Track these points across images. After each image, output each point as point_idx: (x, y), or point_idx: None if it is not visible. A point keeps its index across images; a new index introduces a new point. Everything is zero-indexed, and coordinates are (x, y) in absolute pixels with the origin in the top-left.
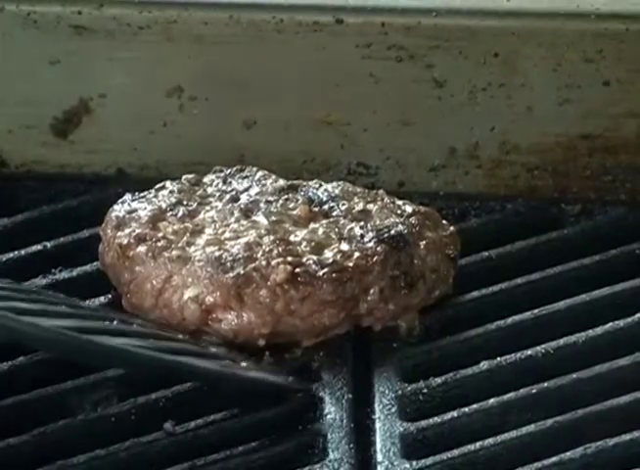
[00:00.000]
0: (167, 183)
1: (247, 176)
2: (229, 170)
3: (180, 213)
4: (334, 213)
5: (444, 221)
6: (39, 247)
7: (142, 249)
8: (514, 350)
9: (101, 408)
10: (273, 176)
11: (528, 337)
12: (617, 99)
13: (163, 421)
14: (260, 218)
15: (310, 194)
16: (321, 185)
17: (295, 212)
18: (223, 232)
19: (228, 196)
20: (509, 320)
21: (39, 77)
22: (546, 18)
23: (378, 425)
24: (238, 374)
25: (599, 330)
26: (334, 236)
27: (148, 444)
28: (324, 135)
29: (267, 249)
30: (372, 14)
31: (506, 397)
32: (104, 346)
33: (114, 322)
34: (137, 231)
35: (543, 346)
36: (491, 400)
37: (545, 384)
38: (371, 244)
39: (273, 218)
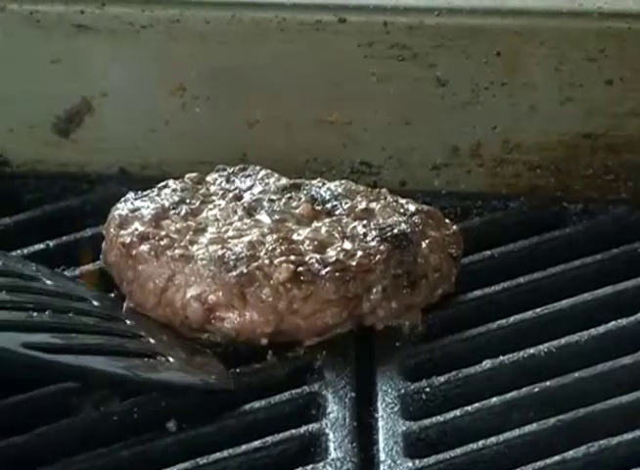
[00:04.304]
0: (170, 182)
1: (249, 175)
2: (232, 169)
3: (183, 212)
4: (337, 212)
5: (447, 220)
6: (42, 246)
7: (145, 247)
8: (516, 348)
9: (103, 407)
10: (276, 175)
11: (531, 336)
12: (620, 98)
13: (166, 420)
14: (263, 217)
15: (313, 193)
16: (324, 184)
17: (297, 211)
18: (226, 231)
19: (231, 194)
20: (511, 319)
21: (41, 76)
22: (549, 16)
23: (380, 424)
24: (143, 377)
25: (601, 329)
26: (336, 235)
27: (150, 442)
28: (326, 134)
29: (270, 247)
30: (374, 13)
31: (508, 395)
32: None
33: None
34: (140, 230)
35: (546, 345)
36: (494, 399)
37: (547, 383)
38: (374, 243)
39: (276, 217)
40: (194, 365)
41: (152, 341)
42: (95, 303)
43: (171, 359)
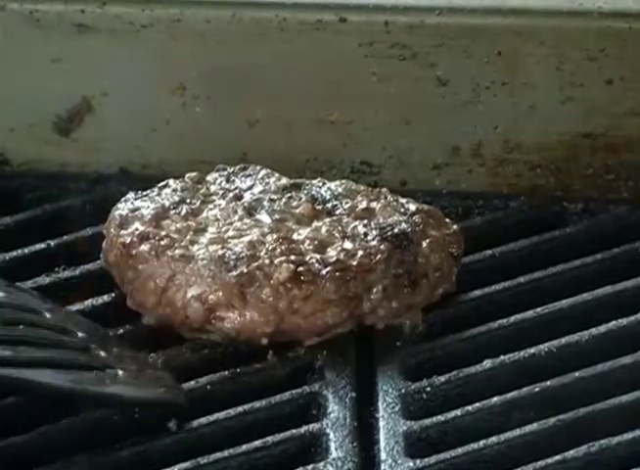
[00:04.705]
0: (170, 181)
1: (250, 175)
2: (232, 169)
3: (183, 212)
4: (337, 212)
5: (447, 220)
6: (42, 245)
7: (145, 247)
8: (517, 348)
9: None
10: (276, 175)
11: (531, 335)
12: (620, 97)
13: (166, 420)
14: (264, 217)
15: (313, 192)
16: (324, 183)
17: (298, 211)
18: (226, 230)
19: (231, 194)
20: (512, 319)
21: (42, 76)
22: (549, 16)
23: (381, 423)
24: (91, 391)
25: (602, 328)
26: (337, 234)
27: (151, 442)
28: (327, 134)
29: (270, 247)
30: (375, 12)
31: (509, 395)
32: None
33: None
34: (140, 230)
35: (546, 344)
36: (494, 399)
37: (548, 382)
38: (374, 242)
39: (276, 217)
40: (144, 378)
41: (102, 354)
42: (48, 315)
43: (120, 372)
